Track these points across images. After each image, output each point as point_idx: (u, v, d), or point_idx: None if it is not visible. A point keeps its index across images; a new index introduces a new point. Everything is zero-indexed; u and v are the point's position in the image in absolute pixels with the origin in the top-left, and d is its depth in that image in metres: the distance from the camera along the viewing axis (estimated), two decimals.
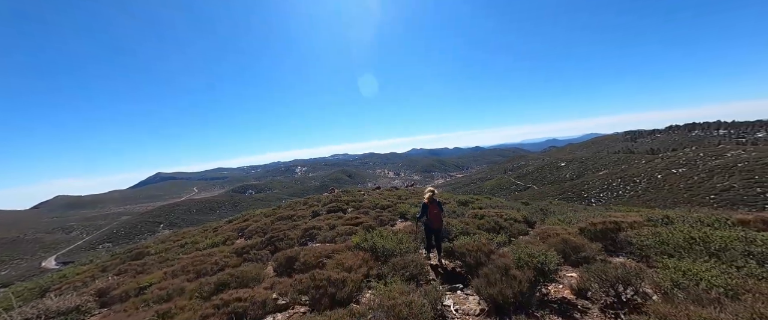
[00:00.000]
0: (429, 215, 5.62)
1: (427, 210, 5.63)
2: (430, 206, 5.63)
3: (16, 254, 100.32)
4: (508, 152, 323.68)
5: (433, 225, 5.63)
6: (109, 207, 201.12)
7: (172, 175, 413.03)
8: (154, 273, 8.43)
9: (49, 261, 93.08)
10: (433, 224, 5.61)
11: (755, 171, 55.45)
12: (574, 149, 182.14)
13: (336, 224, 10.30)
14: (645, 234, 4.42)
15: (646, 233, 4.45)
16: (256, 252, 8.50)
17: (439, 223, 5.64)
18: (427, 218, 5.64)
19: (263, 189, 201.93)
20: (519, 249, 4.01)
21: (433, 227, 5.66)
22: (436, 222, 5.62)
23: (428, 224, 5.68)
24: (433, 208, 5.62)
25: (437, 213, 5.63)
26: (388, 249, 5.49)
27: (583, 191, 78.95)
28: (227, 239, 12.48)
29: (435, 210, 5.62)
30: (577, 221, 7.02)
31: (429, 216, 5.62)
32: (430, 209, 5.62)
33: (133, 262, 11.57)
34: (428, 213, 5.62)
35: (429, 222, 5.64)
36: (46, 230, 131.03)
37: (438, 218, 5.62)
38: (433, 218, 5.60)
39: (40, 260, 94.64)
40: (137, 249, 14.77)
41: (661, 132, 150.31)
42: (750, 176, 54.63)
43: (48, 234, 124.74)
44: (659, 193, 63.27)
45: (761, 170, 54.88)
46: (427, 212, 5.64)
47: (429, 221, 5.64)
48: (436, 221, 5.61)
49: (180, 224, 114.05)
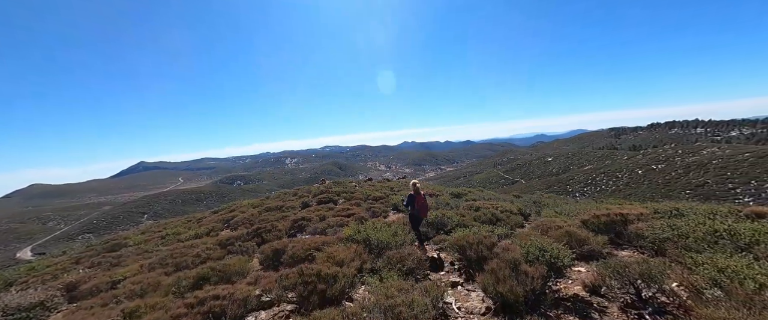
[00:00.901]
0: (416, 205, 5.88)
1: (415, 200, 5.87)
2: (418, 197, 5.88)
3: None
4: (497, 147, 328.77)
5: (420, 215, 5.95)
6: (89, 197, 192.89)
7: (155, 164, 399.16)
8: (130, 265, 7.87)
9: (24, 251, 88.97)
10: (421, 213, 5.94)
11: (728, 168, 58.23)
12: (561, 145, 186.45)
13: (327, 215, 9.95)
14: (660, 227, 4.14)
15: (661, 225, 4.17)
16: (242, 244, 8.07)
17: (425, 213, 6.01)
18: (415, 208, 5.90)
19: (252, 180, 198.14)
20: (528, 243, 3.72)
21: (420, 217, 6.00)
22: (423, 212, 5.96)
23: (416, 214, 5.96)
24: (419, 198, 5.88)
25: (424, 204, 5.93)
26: (382, 242, 5.23)
27: (568, 185, 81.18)
28: (211, 230, 11.96)
29: (422, 200, 5.90)
30: (576, 214, 6.86)
31: (416, 206, 5.88)
32: (417, 200, 5.87)
33: (108, 254, 10.89)
34: (415, 203, 5.87)
35: (417, 212, 5.92)
36: (21, 220, 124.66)
37: (425, 208, 5.95)
38: (420, 208, 5.89)
39: (15, 250, 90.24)
40: (114, 240, 13.96)
41: (644, 129, 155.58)
42: (723, 173, 57.35)
43: (22, 224, 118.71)
44: (639, 188, 65.74)
45: (733, 167, 57.69)
46: (414, 202, 5.89)
47: (416, 210, 5.91)
48: (423, 211, 5.95)
49: (164, 215, 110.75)
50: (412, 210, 6.02)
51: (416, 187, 6.03)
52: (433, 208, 9.94)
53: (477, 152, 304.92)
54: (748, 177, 51.63)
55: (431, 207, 8.82)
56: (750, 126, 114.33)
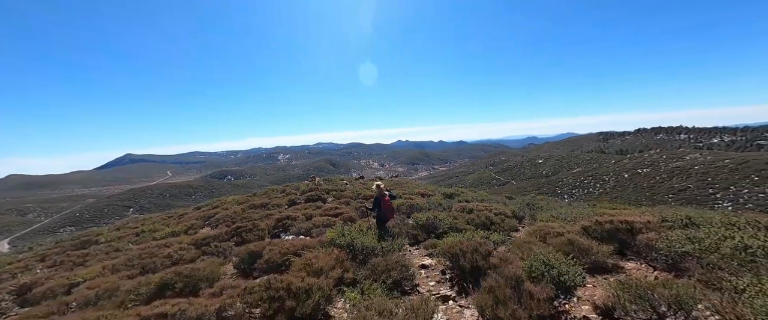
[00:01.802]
0: (384, 206, 5.81)
1: (381, 202, 5.80)
2: (383, 199, 5.82)
3: None
4: (489, 148, 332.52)
5: (388, 216, 5.89)
6: (72, 189, 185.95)
7: (143, 157, 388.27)
8: (93, 266, 7.20)
9: (1, 244, 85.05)
10: (388, 215, 5.88)
11: (709, 174, 60.15)
12: (551, 147, 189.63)
13: (313, 214, 9.49)
14: (677, 239, 3.69)
15: (678, 237, 3.73)
16: (218, 245, 7.52)
17: (392, 214, 5.97)
18: (381, 209, 5.82)
19: (243, 176, 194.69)
20: (531, 256, 3.30)
21: (388, 217, 5.96)
22: (390, 213, 5.90)
23: (384, 216, 5.87)
24: (386, 200, 5.83)
25: (391, 206, 5.87)
26: (367, 247, 4.78)
27: (557, 187, 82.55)
28: (190, 227, 11.29)
29: (389, 203, 5.84)
30: (574, 218, 6.57)
31: (383, 208, 5.81)
32: (383, 202, 5.81)
33: (75, 252, 10.11)
34: (382, 205, 5.80)
35: (385, 213, 5.84)
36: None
37: (391, 209, 5.89)
38: (387, 210, 5.83)
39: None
40: (86, 237, 13.08)
41: (631, 134, 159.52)
42: (704, 178, 59.22)
43: (0, 215, 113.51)
44: (625, 191, 67.31)
45: (714, 172, 59.62)
46: (380, 204, 5.82)
47: (383, 212, 5.83)
48: (390, 212, 5.88)
49: (151, 209, 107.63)
50: (379, 212, 5.92)
51: (380, 189, 5.97)
52: (425, 208, 9.64)
53: (470, 152, 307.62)
54: (728, 183, 53.49)
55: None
56: (730, 134, 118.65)
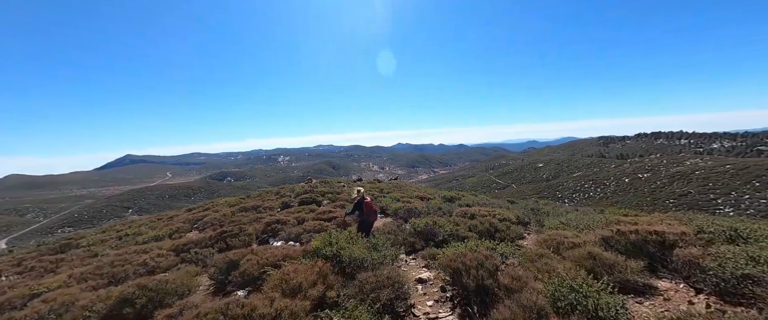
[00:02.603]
0: (365, 210, 5.86)
1: (362, 206, 5.86)
2: (365, 203, 5.87)
3: None
4: (490, 151, 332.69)
5: (369, 219, 5.91)
6: (71, 189, 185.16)
7: (143, 157, 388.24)
8: (62, 274, 6.63)
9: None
10: (370, 218, 5.91)
11: (710, 179, 59.71)
12: (552, 151, 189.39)
13: (306, 218, 9.04)
14: (732, 258, 3.00)
15: (736, 256, 3.01)
16: (199, 251, 6.98)
17: (375, 217, 6.00)
18: (363, 213, 5.88)
19: (243, 177, 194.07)
20: (555, 280, 2.70)
21: (369, 221, 5.94)
22: (372, 216, 5.92)
23: (365, 219, 5.90)
24: (367, 204, 5.87)
25: (373, 207, 5.90)
26: (356, 259, 4.20)
27: (557, 191, 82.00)
28: (175, 231, 10.73)
29: (371, 207, 5.88)
30: (587, 226, 6.03)
31: (364, 211, 5.87)
32: (365, 205, 5.86)
33: (51, 256, 9.49)
34: (364, 209, 5.86)
35: (365, 217, 5.89)
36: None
37: (374, 213, 5.92)
38: (368, 214, 5.86)
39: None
40: (66, 240, 12.47)
41: (631, 139, 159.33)
42: (705, 183, 58.76)
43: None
44: (626, 196, 66.79)
45: (715, 178, 59.18)
46: (361, 208, 5.87)
47: (365, 215, 5.88)
48: (372, 215, 5.90)
49: (151, 210, 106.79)
50: (362, 216, 5.94)
51: (361, 193, 6.03)
52: (424, 213, 9.28)
53: (470, 155, 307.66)
54: (729, 188, 53.03)
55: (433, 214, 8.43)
56: (730, 139, 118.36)
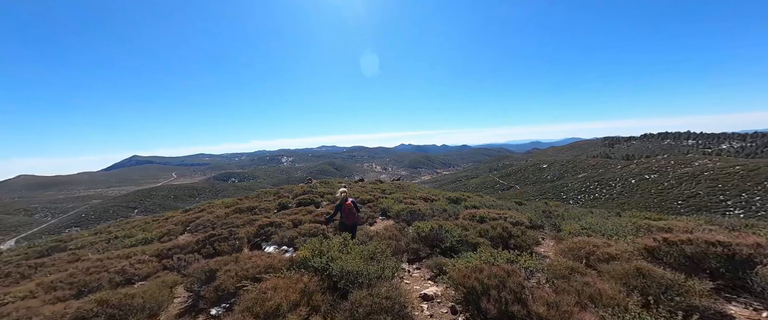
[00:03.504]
0: (343, 212, 6.01)
1: (342, 209, 6.01)
2: (345, 205, 5.99)
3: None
4: (493, 152, 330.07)
5: (347, 221, 6.03)
6: (78, 190, 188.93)
7: (148, 159, 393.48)
8: (33, 281, 6.48)
9: (8, 243, 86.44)
10: (348, 220, 6.03)
11: (719, 180, 58.83)
12: (556, 152, 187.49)
13: (303, 220, 9.11)
14: None
15: None
16: (183, 257, 6.81)
17: (353, 219, 6.07)
18: (342, 215, 6.03)
19: (247, 178, 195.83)
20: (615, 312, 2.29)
21: (348, 224, 6.04)
22: (350, 218, 6.03)
23: (343, 222, 6.06)
24: (347, 205, 5.99)
25: (352, 210, 6.00)
26: (350, 273, 3.65)
27: (562, 192, 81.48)
28: (166, 234, 10.45)
29: (349, 208, 5.99)
30: (615, 232, 5.44)
31: (343, 214, 6.02)
32: (344, 207, 5.99)
33: (30, 261, 9.40)
34: (343, 211, 6.01)
35: (343, 219, 6.04)
36: (7, 212, 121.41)
37: (352, 214, 6.02)
38: (347, 215, 6.00)
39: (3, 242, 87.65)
40: (54, 243, 12.42)
41: (637, 140, 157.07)
42: (714, 185, 57.92)
43: (8, 215, 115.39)
44: (632, 197, 66.16)
45: (724, 179, 58.30)
46: (341, 210, 6.03)
47: (343, 218, 6.04)
48: (350, 217, 6.02)
49: (156, 210, 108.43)
50: (341, 218, 6.11)
51: (344, 196, 6.15)
52: (428, 215, 8.87)
53: (473, 156, 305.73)
54: (739, 190, 52.17)
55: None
56: (740, 139, 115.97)
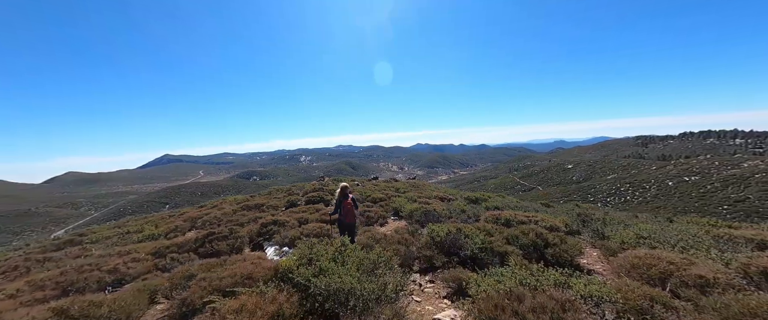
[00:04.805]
0: (342, 210, 5.64)
1: (342, 206, 5.63)
2: (344, 202, 5.63)
3: (27, 226, 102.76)
4: (513, 152, 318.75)
5: (346, 220, 5.68)
6: (118, 186, 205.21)
7: (178, 157, 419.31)
8: (28, 278, 6.39)
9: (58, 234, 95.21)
10: (347, 218, 5.66)
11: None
12: (582, 152, 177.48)
13: (309, 218, 8.85)
14: None
15: None
16: (178, 256, 6.63)
17: (352, 218, 5.69)
18: (341, 213, 5.66)
19: (267, 176, 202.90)
20: None
21: (346, 223, 5.69)
22: (350, 217, 5.65)
23: (342, 220, 5.73)
24: (346, 203, 5.62)
25: (351, 209, 5.62)
26: (339, 291, 2.84)
27: (589, 194, 76.85)
28: (172, 230, 10.30)
29: (349, 206, 5.61)
30: (687, 244, 4.57)
31: (342, 212, 5.64)
32: (344, 205, 5.62)
33: (40, 255, 9.51)
34: (342, 209, 5.63)
35: (343, 218, 5.69)
36: (57, 205, 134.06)
37: (351, 213, 5.64)
38: (346, 214, 5.63)
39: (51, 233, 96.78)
40: (70, 237, 12.65)
41: (674, 138, 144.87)
42: (767, 188, 52.04)
43: (58, 209, 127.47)
44: (669, 200, 61.01)
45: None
46: (341, 207, 5.63)
47: (342, 216, 5.68)
48: (350, 216, 5.64)
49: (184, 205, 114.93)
50: (340, 216, 5.75)
51: (345, 191, 5.75)
52: (444, 216, 8.28)
53: (492, 156, 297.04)
54: None
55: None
56: None
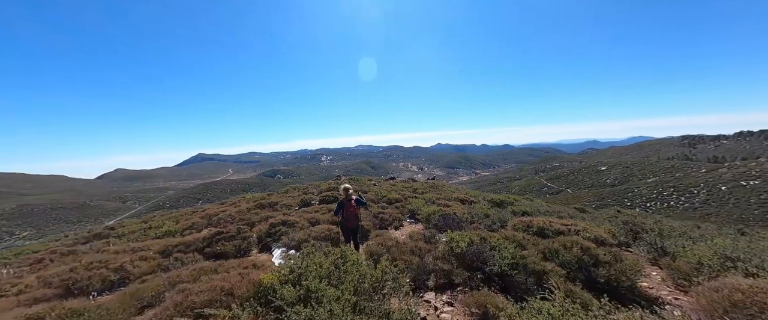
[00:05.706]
0: (345, 213, 5.46)
1: (344, 208, 5.46)
2: (347, 204, 5.44)
3: (83, 217, 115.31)
4: (540, 152, 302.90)
5: (349, 224, 5.49)
6: (158, 182, 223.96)
7: (211, 156, 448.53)
8: (41, 273, 6.60)
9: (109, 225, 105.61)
10: (349, 222, 5.48)
11: None
12: (618, 153, 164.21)
13: (320, 219, 8.64)
14: None
15: None
16: (183, 256, 6.59)
17: (355, 221, 5.51)
18: (343, 216, 5.49)
19: (291, 175, 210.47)
20: None
21: (349, 227, 5.50)
22: (352, 221, 5.47)
23: (344, 223, 5.56)
24: (349, 205, 5.44)
25: (354, 212, 5.46)
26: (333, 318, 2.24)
27: (626, 198, 70.79)
28: (189, 227, 10.31)
29: (351, 209, 5.45)
30: None
31: (345, 215, 5.47)
32: (346, 207, 5.44)
33: (66, 247, 10.01)
34: (344, 211, 5.46)
35: (345, 221, 5.51)
36: (108, 199, 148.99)
37: (354, 216, 5.47)
38: (348, 217, 5.45)
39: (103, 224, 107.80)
40: (99, 229, 13.17)
41: (728, 138, 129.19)
42: None
43: (109, 202, 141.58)
44: (723, 207, 54.45)
45: None
46: (343, 209, 5.47)
47: (345, 219, 5.50)
48: (352, 220, 5.46)
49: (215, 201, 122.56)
50: (342, 219, 5.52)
51: (347, 192, 5.54)
52: (466, 221, 7.66)
53: (516, 157, 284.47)
54: None
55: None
56: None
